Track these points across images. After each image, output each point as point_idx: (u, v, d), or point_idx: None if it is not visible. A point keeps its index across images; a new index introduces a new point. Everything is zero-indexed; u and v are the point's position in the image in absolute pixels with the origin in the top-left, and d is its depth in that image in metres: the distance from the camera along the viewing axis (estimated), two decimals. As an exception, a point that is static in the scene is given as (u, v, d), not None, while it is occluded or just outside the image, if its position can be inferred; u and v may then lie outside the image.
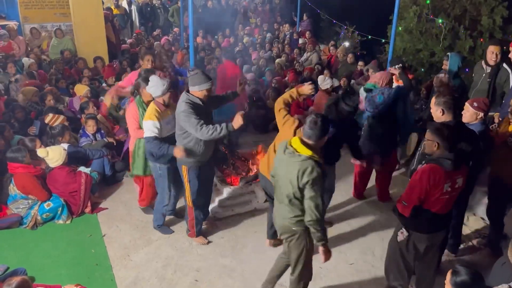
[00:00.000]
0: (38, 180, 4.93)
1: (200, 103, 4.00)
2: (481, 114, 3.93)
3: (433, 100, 3.77)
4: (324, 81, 6.11)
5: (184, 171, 4.24)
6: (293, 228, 3.33)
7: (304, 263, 3.47)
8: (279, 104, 4.02)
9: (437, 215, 3.33)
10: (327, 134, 3.23)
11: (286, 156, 3.18)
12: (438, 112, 3.67)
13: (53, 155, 4.97)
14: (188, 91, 4.05)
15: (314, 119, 3.15)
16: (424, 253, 3.50)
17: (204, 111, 4.06)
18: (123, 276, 4.18)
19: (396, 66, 5.74)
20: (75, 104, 6.75)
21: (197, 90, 3.99)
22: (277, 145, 3.89)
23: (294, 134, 3.72)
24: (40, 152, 4.95)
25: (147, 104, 4.48)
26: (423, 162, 3.35)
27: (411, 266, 3.59)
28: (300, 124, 3.74)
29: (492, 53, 5.22)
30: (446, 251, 4.30)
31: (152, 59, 5.48)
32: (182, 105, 3.97)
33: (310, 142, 3.17)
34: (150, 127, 4.11)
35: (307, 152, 3.11)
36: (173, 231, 4.77)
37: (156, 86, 4.15)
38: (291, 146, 3.18)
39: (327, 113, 4.07)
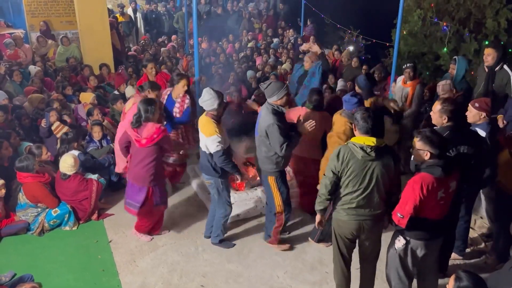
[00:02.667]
0: (47, 187, 4.96)
1: (283, 111, 4.12)
2: (484, 114, 3.99)
3: (437, 105, 3.76)
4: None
5: (272, 182, 4.32)
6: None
7: None
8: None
9: (434, 222, 3.31)
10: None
11: (374, 156, 3.19)
12: (442, 119, 3.71)
13: (75, 163, 5.03)
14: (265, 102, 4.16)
15: (365, 114, 3.24)
16: (422, 259, 3.46)
17: (285, 118, 4.17)
18: (129, 282, 4.19)
19: (408, 64, 6.04)
20: (79, 112, 6.80)
21: (276, 99, 4.06)
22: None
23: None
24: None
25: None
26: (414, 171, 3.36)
27: (411, 272, 3.54)
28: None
29: (484, 55, 5.29)
30: (453, 254, 4.27)
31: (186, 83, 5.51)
32: (270, 116, 4.02)
33: (368, 136, 3.24)
34: (217, 141, 4.09)
35: (383, 142, 3.27)
36: (235, 244, 4.75)
37: (212, 100, 4.10)
38: (371, 145, 3.19)
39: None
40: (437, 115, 3.73)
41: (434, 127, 3.73)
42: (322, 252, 4.60)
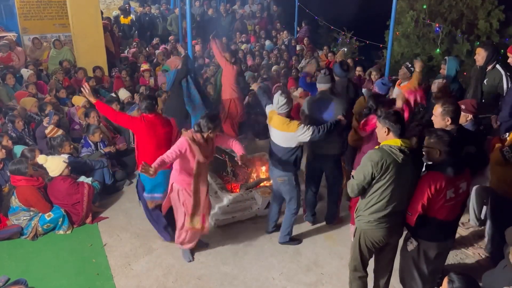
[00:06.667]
0: (40, 191, 4.93)
1: None
2: (470, 116, 4.06)
3: (438, 108, 3.74)
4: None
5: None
6: None
7: None
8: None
9: (444, 222, 3.30)
10: None
11: (411, 158, 3.14)
12: (445, 121, 3.67)
13: (50, 165, 4.99)
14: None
15: (396, 116, 3.19)
16: (435, 258, 3.45)
17: None
18: (124, 285, 4.17)
19: (409, 64, 6.05)
20: (72, 115, 6.77)
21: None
22: None
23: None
24: (40, 159, 4.98)
25: None
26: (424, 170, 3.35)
27: (425, 273, 3.52)
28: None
29: (475, 55, 5.36)
30: None
31: None
32: (342, 101, 4.55)
33: (400, 137, 3.20)
34: (305, 128, 4.17)
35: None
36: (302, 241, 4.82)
37: (287, 104, 4.23)
38: (405, 148, 3.15)
39: None
40: (439, 118, 3.69)
41: None
42: (318, 254, 4.61)
